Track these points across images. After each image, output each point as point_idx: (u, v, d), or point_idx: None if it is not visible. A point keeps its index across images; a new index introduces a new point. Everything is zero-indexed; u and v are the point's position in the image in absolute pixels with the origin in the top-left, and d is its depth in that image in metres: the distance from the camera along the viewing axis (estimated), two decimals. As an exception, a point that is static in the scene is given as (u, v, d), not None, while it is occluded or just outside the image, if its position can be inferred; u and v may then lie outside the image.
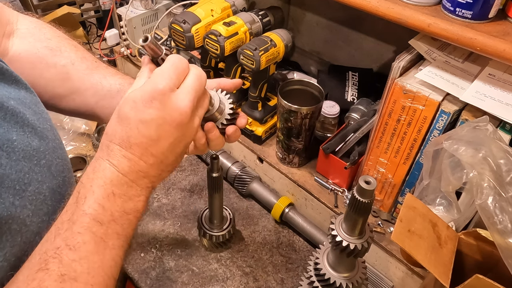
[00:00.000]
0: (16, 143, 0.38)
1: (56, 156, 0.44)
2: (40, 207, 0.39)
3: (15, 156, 0.37)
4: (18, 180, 0.37)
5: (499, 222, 0.55)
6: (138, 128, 0.39)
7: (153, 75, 0.41)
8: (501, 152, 0.58)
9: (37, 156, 0.40)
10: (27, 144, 0.39)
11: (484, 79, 0.65)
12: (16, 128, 0.39)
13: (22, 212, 0.36)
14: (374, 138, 0.79)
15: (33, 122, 0.42)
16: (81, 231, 0.36)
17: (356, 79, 1.05)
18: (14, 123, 0.39)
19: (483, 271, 0.53)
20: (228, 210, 0.91)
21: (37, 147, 0.41)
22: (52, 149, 0.44)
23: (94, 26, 1.61)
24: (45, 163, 0.41)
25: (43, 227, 0.39)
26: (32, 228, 0.38)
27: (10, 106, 0.39)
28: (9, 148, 0.37)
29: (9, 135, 0.37)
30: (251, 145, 1.05)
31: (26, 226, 0.37)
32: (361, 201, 0.57)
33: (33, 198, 0.38)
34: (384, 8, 0.66)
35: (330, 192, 0.92)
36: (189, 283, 0.85)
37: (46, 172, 0.41)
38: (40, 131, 0.42)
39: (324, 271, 0.68)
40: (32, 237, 0.38)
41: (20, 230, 0.36)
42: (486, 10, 0.59)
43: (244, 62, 0.93)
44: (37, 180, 0.39)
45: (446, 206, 0.67)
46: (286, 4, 1.16)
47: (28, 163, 0.39)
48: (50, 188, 0.41)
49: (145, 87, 0.40)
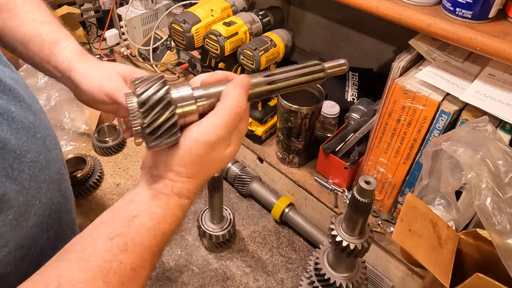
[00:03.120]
0: (15, 114, 0.40)
1: (49, 133, 0.47)
2: (38, 174, 0.41)
3: (14, 125, 0.39)
4: (18, 146, 0.39)
5: (498, 223, 0.55)
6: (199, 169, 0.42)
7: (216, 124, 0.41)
8: (499, 153, 0.58)
9: (33, 129, 0.42)
10: (24, 117, 0.41)
11: (484, 79, 0.65)
12: (14, 102, 0.41)
13: (19, 176, 0.38)
14: (374, 138, 0.79)
15: (27, 100, 0.44)
16: (147, 258, 0.39)
17: (356, 79, 1.05)
18: (12, 98, 0.41)
19: (483, 270, 0.53)
20: (228, 210, 0.91)
21: (33, 121, 0.43)
22: (45, 126, 0.46)
23: (94, 26, 1.61)
24: (41, 136, 0.44)
25: (41, 193, 0.42)
26: (31, 191, 0.40)
27: (7, 82, 0.41)
28: (9, 117, 0.39)
29: (9, 106, 0.39)
30: (251, 145, 1.05)
31: (25, 189, 0.39)
32: (361, 201, 0.57)
33: (31, 165, 0.40)
34: (384, 8, 0.66)
35: (330, 192, 0.92)
36: (189, 283, 0.85)
37: (41, 144, 0.43)
38: (33, 108, 0.44)
39: (324, 271, 0.68)
40: (32, 200, 0.40)
41: (20, 191, 0.38)
42: (486, 10, 0.59)
43: (244, 62, 0.93)
44: (34, 150, 0.42)
45: (445, 206, 0.68)
46: (286, 4, 1.16)
47: (27, 134, 0.41)
48: (47, 160, 0.44)
49: (211, 137, 0.41)
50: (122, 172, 1.08)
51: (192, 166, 0.42)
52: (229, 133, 0.42)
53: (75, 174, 1.01)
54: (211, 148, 0.42)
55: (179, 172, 0.42)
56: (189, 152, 0.41)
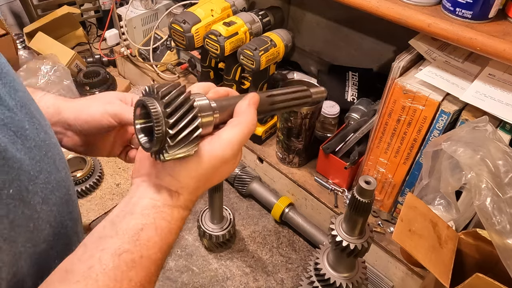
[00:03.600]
0: (28, 131, 0.38)
1: (58, 152, 0.45)
2: (50, 197, 0.39)
3: (28, 143, 0.37)
4: (32, 167, 0.37)
5: (497, 223, 0.55)
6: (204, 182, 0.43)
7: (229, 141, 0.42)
8: (499, 153, 0.58)
9: (45, 148, 0.40)
10: (36, 134, 0.39)
11: (484, 79, 0.65)
12: (27, 118, 0.39)
13: (33, 198, 0.36)
14: (374, 138, 0.79)
15: (38, 116, 0.42)
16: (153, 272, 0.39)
17: (356, 79, 1.05)
18: (25, 114, 0.39)
19: (483, 270, 0.53)
20: (228, 210, 0.91)
21: (43, 139, 0.41)
22: (54, 144, 0.44)
23: (94, 26, 1.61)
24: (51, 155, 0.42)
25: (51, 217, 0.39)
26: (42, 215, 0.38)
27: (18, 98, 0.39)
28: (23, 135, 0.37)
29: (22, 124, 0.37)
30: (251, 145, 1.05)
31: (37, 213, 0.37)
32: (361, 201, 0.57)
33: (44, 186, 0.38)
34: (384, 8, 0.66)
35: (330, 192, 0.92)
36: (189, 283, 0.85)
37: (52, 164, 0.41)
38: (43, 125, 0.43)
39: (324, 271, 0.68)
40: (43, 225, 0.38)
41: (32, 216, 0.36)
42: (486, 10, 0.59)
43: (244, 62, 0.93)
44: (46, 170, 0.39)
45: (445, 206, 0.68)
46: (286, 4, 1.16)
47: (39, 153, 0.39)
48: (57, 180, 0.42)
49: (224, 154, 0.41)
50: (122, 172, 1.08)
51: (201, 179, 0.41)
52: (240, 150, 0.42)
53: (75, 174, 1.01)
54: (224, 163, 0.42)
55: (187, 184, 0.41)
56: (203, 167, 0.41)
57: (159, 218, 0.40)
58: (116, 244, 0.37)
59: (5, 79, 0.38)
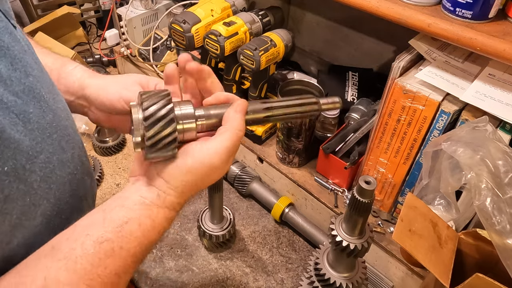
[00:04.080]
0: (31, 115, 0.40)
1: (67, 133, 0.47)
2: (49, 175, 0.42)
3: (30, 126, 0.39)
4: (31, 147, 0.39)
5: (497, 223, 0.55)
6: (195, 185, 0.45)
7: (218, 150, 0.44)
8: (499, 153, 0.58)
9: (49, 130, 0.43)
10: (41, 117, 0.42)
11: (484, 79, 0.65)
12: (34, 102, 0.41)
13: (30, 176, 0.39)
14: (374, 138, 0.79)
15: (47, 99, 0.44)
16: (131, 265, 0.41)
17: (356, 79, 1.05)
18: (32, 97, 0.41)
19: (483, 270, 0.53)
20: (228, 210, 0.91)
21: (50, 122, 0.43)
22: (63, 126, 0.46)
23: (94, 26, 1.61)
24: (57, 137, 0.44)
25: (50, 193, 0.42)
26: (39, 192, 0.40)
27: (28, 82, 0.41)
28: (25, 118, 0.39)
29: (26, 107, 0.40)
30: (251, 145, 1.05)
31: (34, 189, 0.40)
32: (361, 201, 0.57)
33: (43, 165, 0.41)
34: (384, 8, 0.66)
35: (330, 192, 0.92)
36: (189, 283, 0.85)
37: (56, 145, 0.44)
38: (53, 108, 0.45)
39: (324, 271, 0.68)
40: (40, 200, 0.41)
41: (28, 191, 0.39)
42: (486, 10, 0.59)
43: (244, 62, 0.93)
44: (48, 150, 0.42)
45: (445, 206, 0.68)
46: (286, 4, 1.16)
47: (41, 134, 0.41)
48: (60, 160, 0.44)
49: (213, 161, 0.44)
50: (122, 172, 1.08)
51: (189, 184, 0.44)
52: (230, 156, 0.45)
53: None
54: (213, 171, 0.44)
55: (175, 187, 0.43)
56: (192, 172, 0.43)
57: (145, 215, 0.42)
58: (99, 232, 0.39)
59: (18, 64, 0.40)
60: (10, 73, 0.39)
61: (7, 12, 0.43)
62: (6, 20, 0.42)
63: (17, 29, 0.44)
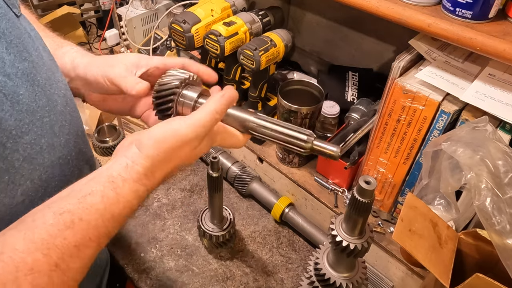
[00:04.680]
0: (21, 97, 0.41)
1: (63, 119, 0.47)
2: (34, 157, 0.42)
3: (18, 107, 0.40)
4: (16, 127, 0.40)
5: (497, 223, 0.55)
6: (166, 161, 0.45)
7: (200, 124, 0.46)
8: (499, 153, 0.58)
9: (40, 113, 0.43)
10: (32, 100, 0.42)
11: (484, 79, 0.65)
12: (26, 85, 0.42)
13: (11, 155, 0.39)
14: (374, 138, 0.79)
15: (43, 84, 0.45)
16: (92, 238, 0.39)
17: (356, 79, 1.05)
18: (24, 81, 0.42)
19: (483, 270, 0.53)
20: (228, 210, 0.91)
21: (42, 105, 0.44)
22: (59, 112, 0.47)
23: (94, 26, 1.61)
24: (48, 121, 0.44)
25: (35, 175, 0.43)
26: (21, 171, 0.41)
27: (22, 67, 0.42)
28: (14, 99, 0.40)
29: (17, 89, 0.40)
30: (251, 145, 1.05)
31: (14, 168, 0.40)
32: (361, 201, 0.57)
33: (27, 146, 0.41)
34: (384, 8, 0.66)
35: (330, 192, 0.92)
36: (189, 283, 0.85)
37: (48, 129, 0.44)
38: (49, 94, 0.45)
39: (324, 271, 0.68)
40: (21, 180, 0.41)
41: (7, 169, 0.39)
42: (486, 10, 0.59)
43: (244, 62, 0.93)
44: (36, 132, 0.42)
45: (445, 206, 0.68)
46: (286, 4, 1.16)
47: (30, 117, 0.42)
48: (49, 144, 0.44)
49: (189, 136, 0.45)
50: (122, 172, 1.08)
51: (161, 155, 0.44)
52: (203, 133, 0.46)
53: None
54: (184, 143, 0.45)
55: (146, 156, 0.43)
56: (164, 141, 0.44)
57: (109, 187, 0.41)
58: (61, 204, 0.39)
59: (13, 49, 0.41)
60: (3, 55, 0.39)
61: (9, 1, 0.44)
62: (6, 7, 0.43)
63: (20, 18, 0.45)
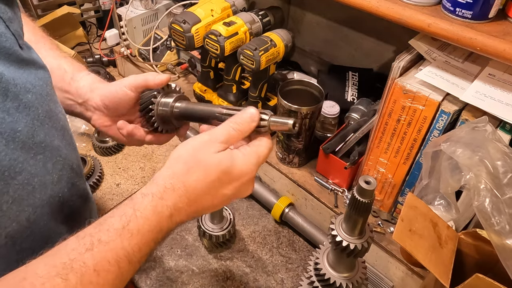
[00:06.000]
0: (19, 133, 0.39)
1: (57, 154, 0.46)
2: (25, 197, 0.41)
3: (13, 145, 0.39)
4: (9, 167, 0.38)
5: (497, 223, 0.55)
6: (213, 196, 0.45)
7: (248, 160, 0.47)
8: (498, 154, 0.58)
9: (35, 150, 0.42)
10: (30, 136, 0.41)
11: (484, 79, 0.65)
12: (26, 120, 0.40)
13: (0, 197, 0.38)
14: (374, 138, 0.79)
15: (43, 118, 0.43)
16: (111, 261, 0.38)
17: (356, 79, 1.05)
18: (25, 115, 0.40)
19: (483, 270, 0.53)
20: (228, 210, 0.91)
21: (39, 142, 0.42)
22: (55, 147, 0.45)
23: (94, 26, 1.60)
24: (42, 158, 0.43)
25: (23, 216, 0.41)
26: (8, 214, 0.39)
27: (25, 99, 0.41)
28: (10, 137, 0.38)
29: (16, 125, 0.39)
30: (251, 145, 1.04)
31: (2, 212, 0.39)
32: (361, 201, 0.57)
33: (19, 187, 0.40)
34: (384, 8, 0.66)
35: (330, 192, 0.92)
36: (189, 283, 0.85)
37: (41, 166, 0.43)
38: (47, 127, 0.44)
39: (324, 271, 0.68)
40: (8, 223, 0.39)
41: None
42: (486, 10, 0.59)
43: (244, 62, 0.93)
44: (29, 172, 0.41)
45: (445, 206, 0.68)
46: (286, 4, 1.16)
47: (25, 155, 0.40)
48: (41, 182, 0.43)
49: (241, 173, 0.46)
50: (122, 172, 1.08)
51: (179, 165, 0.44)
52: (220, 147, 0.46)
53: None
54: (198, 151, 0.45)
55: (171, 176, 0.43)
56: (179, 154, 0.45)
57: (128, 205, 0.41)
58: (86, 229, 0.39)
59: (18, 80, 0.40)
60: (8, 87, 0.38)
61: (17, 32, 0.43)
62: (13, 39, 0.41)
63: (24, 49, 0.44)
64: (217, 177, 0.43)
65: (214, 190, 0.44)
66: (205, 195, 0.44)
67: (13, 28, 0.42)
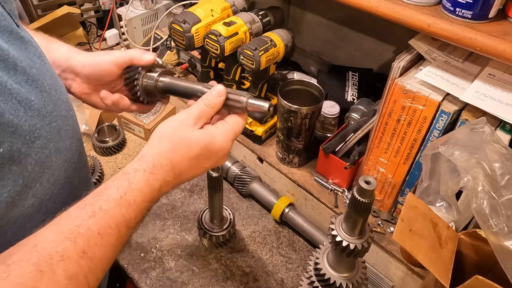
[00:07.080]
0: (33, 102, 0.43)
1: (67, 123, 0.50)
2: (44, 160, 0.45)
3: (30, 112, 0.42)
4: (29, 132, 0.42)
5: (494, 225, 0.55)
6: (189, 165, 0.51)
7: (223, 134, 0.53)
8: (496, 156, 0.58)
9: (49, 118, 0.46)
10: (42, 105, 0.45)
11: (484, 79, 0.65)
12: (36, 92, 0.44)
13: (25, 160, 0.42)
14: (374, 138, 0.79)
15: (49, 90, 0.47)
16: (112, 226, 0.43)
17: (356, 79, 1.05)
18: (34, 87, 0.44)
19: (482, 271, 0.54)
20: (228, 210, 0.91)
21: (50, 111, 0.46)
22: (64, 117, 0.49)
23: (94, 26, 1.60)
24: (56, 125, 0.47)
25: (43, 178, 0.46)
26: (33, 175, 0.44)
27: (32, 73, 0.44)
28: (27, 105, 0.42)
29: (29, 95, 0.43)
30: (251, 145, 1.05)
31: (28, 172, 0.43)
32: (361, 201, 0.57)
33: (38, 150, 0.44)
34: (384, 8, 0.66)
35: (330, 192, 0.92)
36: (189, 283, 0.85)
37: (55, 133, 0.47)
38: (54, 99, 0.48)
39: (324, 271, 0.68)
40: (33, 183, 0.44)
41: (21, 173, 0.42)
42: (486, 10, 0.59)
43: (244, 62, 0.93)
44: (45, 137, 0.45)
45: (446, 207, 0.68)
46: (286, 4, 1.16)
47: (41, 122, 0.44)
48: (56, 148, 0.47)
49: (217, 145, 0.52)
50: (122, 172, 1.08)
51: (165, 143, 0.49)
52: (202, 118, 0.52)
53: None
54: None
55: (153, 146, 0.49)
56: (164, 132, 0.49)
57: (123, 179, 0.46)
58: (84, 200, 0.44)
59: (22, 56, 0.43)
60: (16, 62, 0.42)
61: (12, 12, 0.46)
62: (10, 19, 0.45)
63: (20, 27, 0.47)
64: (199, 153, 0.50)
65: (196, 164, 0.51)
66: (189, 169, 0.50)
67: (8, 7, 0.45)
